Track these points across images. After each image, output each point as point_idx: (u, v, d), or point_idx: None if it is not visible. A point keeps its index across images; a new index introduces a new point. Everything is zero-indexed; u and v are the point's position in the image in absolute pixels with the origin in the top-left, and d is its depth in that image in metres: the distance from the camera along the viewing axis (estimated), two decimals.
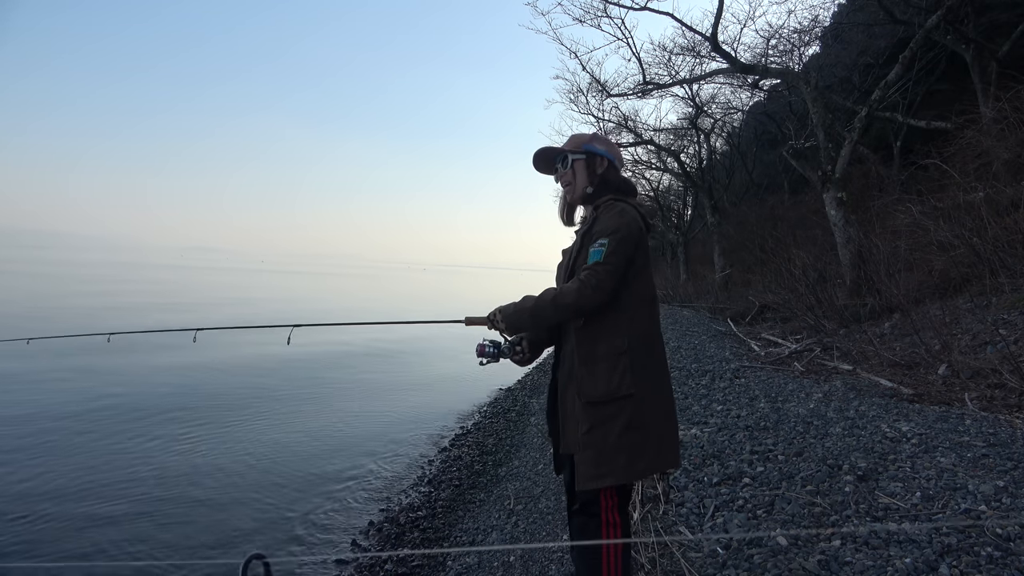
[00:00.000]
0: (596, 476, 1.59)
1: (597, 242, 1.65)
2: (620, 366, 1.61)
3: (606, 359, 1.63)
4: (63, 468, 4.71)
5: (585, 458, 1.61)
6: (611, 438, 1.59)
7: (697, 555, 2.36)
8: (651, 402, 1.64)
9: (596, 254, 1.63)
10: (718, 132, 20.43)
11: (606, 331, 1.65)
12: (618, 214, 1.69)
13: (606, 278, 1.61)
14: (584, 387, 1.63)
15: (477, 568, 3.11)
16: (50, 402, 6.66)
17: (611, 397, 1.61)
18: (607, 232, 1.65)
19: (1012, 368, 4.29)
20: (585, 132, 2.06)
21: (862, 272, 8.17)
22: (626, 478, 1.60)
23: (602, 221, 1.69)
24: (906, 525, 2.31)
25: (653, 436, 1.63)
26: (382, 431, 6.33)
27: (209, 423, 6.22)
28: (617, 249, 1.63)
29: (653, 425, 1.63)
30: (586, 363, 1.65)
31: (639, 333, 1.67)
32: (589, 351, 1.65)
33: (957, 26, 9.87)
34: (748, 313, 10.96)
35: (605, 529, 1.60)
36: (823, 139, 9.29)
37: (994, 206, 6.87)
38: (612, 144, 1.92)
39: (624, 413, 1.60)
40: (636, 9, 11.04)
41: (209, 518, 4.01)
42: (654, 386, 1.67)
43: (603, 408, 1.61)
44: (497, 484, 4.60)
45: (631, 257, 1.66)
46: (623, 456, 1.58)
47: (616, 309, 1.66)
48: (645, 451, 1.61)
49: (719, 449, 3.53)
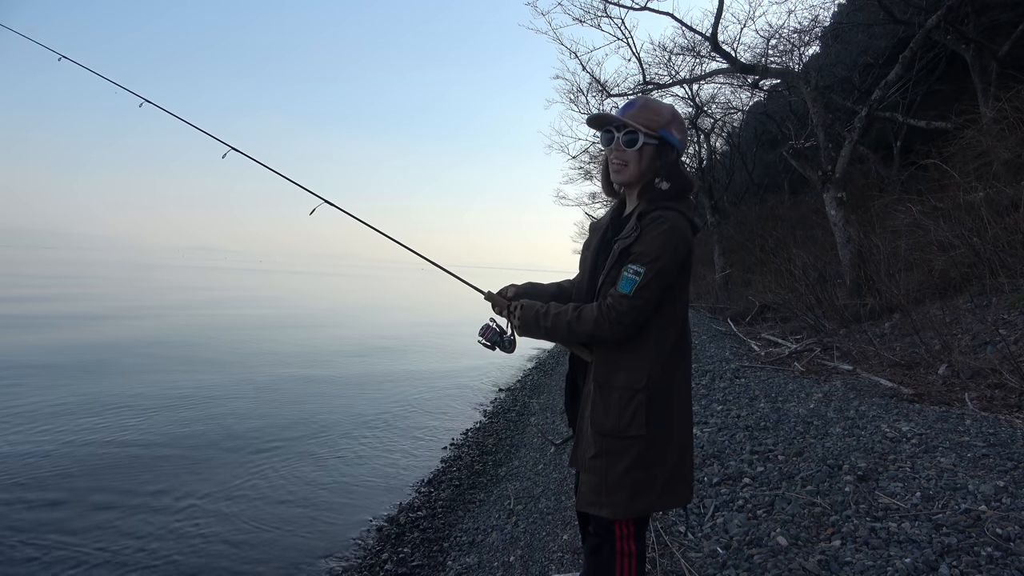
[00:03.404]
0: (595, 504, 1.53)
1: (632, 268, 1.46)
2: (634, 403, 1.49)
3: (621, 391, 1.50)
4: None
5: (588, 481, 1.55)
6: (615, 472, 1.50)
7: (697, 555, 2.36)
8: (665, 442, 1.52)
9: (627, 283, 1.45)
10: (718, 132, 20.43)
11: (626, 361, 1.52)
12: (665, 235, 1.46)
13: (628, 314, 1.46)
14: (595, 415, 1.53)
15: (477, 568, 3.10)
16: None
17: (619, 435, 1.49)
18: (646, 259, 1.45)
19: (1012, 368, 4.29)
20: (664, 107, 1.60)
21: (862, 272, 8.17)
22: (626, 513, 1.51)
23: (645, 241, 1.48)
24: (906, 525, 2.31)
25: (662, 475, 1.52)
26: (381, 431, 6.32)
27: (209, 424, 6.22)
28: (652, 282, 1.45)
29: (663, 465, 1.52)
30: (601, 387, 1.53)
31: (662, 368, 1.52)
32: (606, 376, 1.53)
33: (957, 26, 9.87)
34: (748, 313, 10.96)
35: (619, 559, 1.53)
36: (823, 139, 9.30)
37: (994, 206, 6.87)
38: (685, 128, 1.64)
39: (631, 453, 1.49)
40: (636, 9, 11.05)
41: (209, 518, 4.01)
42: (671, 426, 1.53)
43: (610, 441, 1.51)
44: (497, 484, 4.60)
45: (670, 284, 1.50)
46: (624, 491, 1.49)
47: (641, 340, 1.51)
48: (651, 490, 1.50)
49: (719, 449, 3.53)
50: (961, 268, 6.77)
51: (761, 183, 20.28)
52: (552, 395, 7.58)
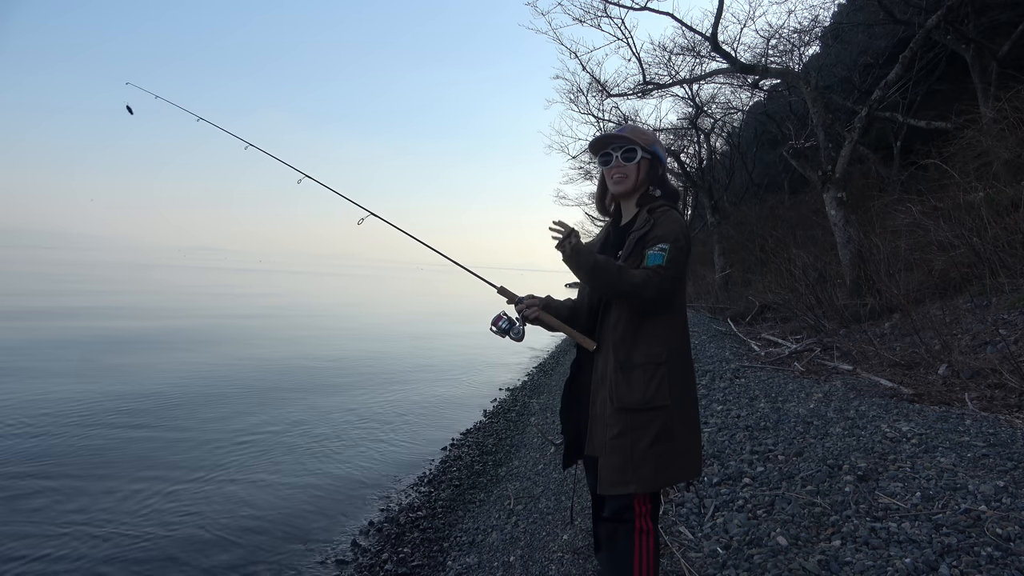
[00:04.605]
0: (620, 482, 1.60)
1: (657, 246, 1.63)
2: (658, 376, 1.61)
3: (643, 367, 1.62)
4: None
5: (611, 463, 1.61)
6: (640, 446, 1.59)
7: (697, 555, 2.36)
8: (681, 414, 1.65)
9: (657, 257, 1.62)
10: (718, 132, 20.43)
11: (645, 339, 1.65)
12: (675, 222, 1.69)
13: (668, 282, 1.61)
14: (619, 393, 1.62)
15: (477, 568, 3.10)
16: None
17: (646, 406, 1.60)
18: (668, 239, 1.64)
19: (1012, 368, 4.29)
20: (648, 130, 1.97)
21: (862, 272, 8.17)
22: (651, 487, 1.60)
23: (662, 226, 1.67)
24: (906, 525, 2.31)
25: (680, 447, 1.64)
26: (381, 431, 6.32)
27: (208, 423, 6.22)
28: (677, 257, 1.63)
29: (681, 436, 1.64)
30: (622, 368, 1.63)
31: (676, 344, 1.68)
32: (626, 357, 1.64)
33: (957, 26, 9.88)
34: (748, 313, 10.97)
35: (638, 537, 1.60)
36: (823, 139, 9.29)
37: (994, 206, 6.87)
38: (662, 145, 1.95)
39: (656, 423, 1.60)
40: (636, 9, 11.04)
41: (205, 520, 4.01)
42: (685, 398, 1.68)
43: (636, 416, 1.61)
44: (497, 484, 4.60)
45: (683, 267, 1.67)
46: (650, 465, 1.59)
47: (657, 318, 1.66)
48: (672, 461, 1.62)
49: (719, 449, 3.53)
50: (961, 268, 6.77)
51: (761, 183, 20.29)
52: (552, 395, 7.58)
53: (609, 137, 1.83)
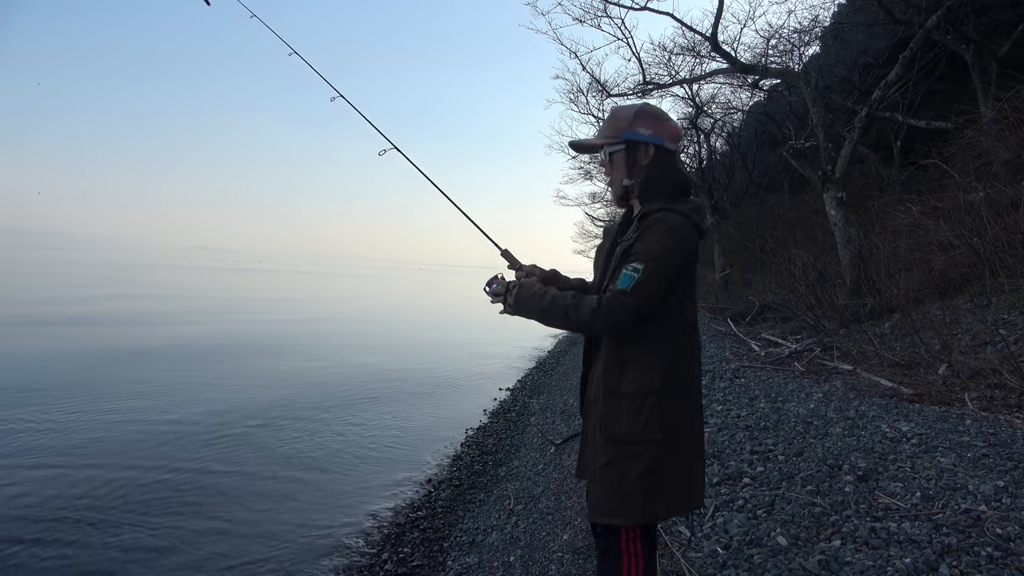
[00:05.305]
0: (607, 512, 1.50)
1: (631, 266, 1.44)
2: (647, 406, 1.46)
3: (632, 396, 1.48)
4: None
5: (599, 491, 1.52)
6: (629, 478, 1.47)
7: (697, 555, 2.36)
8: (677, 445, 1.50)
9: (625, 279, 1.43)
10: (718, 132, 20.42)
11: (636, 364, 1.49)
12: (664, 235, 1.45)
13: (623, 312, 1.43)
14: (606, 422, 1.50)
15: (477, 568, 3.11)
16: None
17: (633, 439, 1.47)
18: (646, 258, 1.44)
19: (1012, 368, 4.29)
20: (627, 108, 1.61)
21: (862, 272, 8.17)
22: (640, 519, 1.49)
23: (645, 240, 1.46)
24: (906, 525, 2.31)
25: (675, 479, 1.50)
26: (381, 431, 6.33)
27: (206, 424, 6.22)
28: (651, 278, 1.43)
29: (676, 467, 1.50)
30: (611, 394, 1.50)
31: (673, 370, 1.50)
32: (615, 382, 1.50)
33: (957, 26, 9.87)
34: (748, 313, 10.96)
35: (626, 559, 1.51)
36: (823, 139, 9.29)
37: (994, 206, 6.87)
38: (661, 118, 1.58)
39: (644, 457, 1.47)
40: (636, 9, 11.03)
41: (207, 519, 4.01)
42: (683, 428, 1.52)
43: (624, 448, 1.48)
44: (497, 484, 4.60)
45: (671, 285, 1.47)
46: (638, 498, 1.47)
47: (651, 341, 1.49)
48: (663, 493, 1.49)
49: (719, 449, 3.53)
50: (961, 268, 6.77)
51: (761, 183, 20.27)
52: (552, 395, 7.58)
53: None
